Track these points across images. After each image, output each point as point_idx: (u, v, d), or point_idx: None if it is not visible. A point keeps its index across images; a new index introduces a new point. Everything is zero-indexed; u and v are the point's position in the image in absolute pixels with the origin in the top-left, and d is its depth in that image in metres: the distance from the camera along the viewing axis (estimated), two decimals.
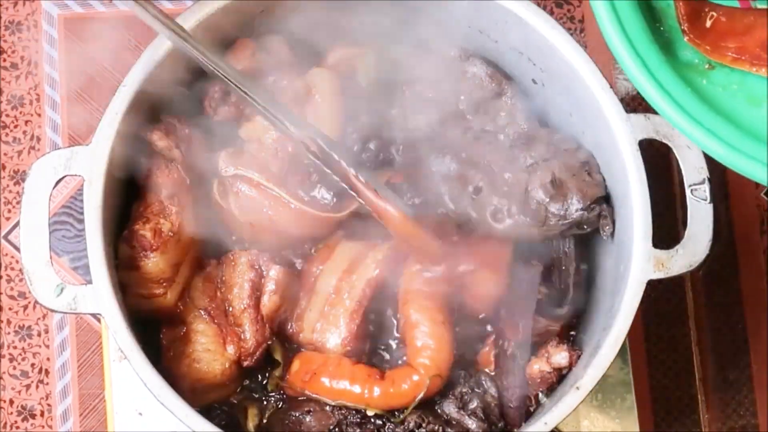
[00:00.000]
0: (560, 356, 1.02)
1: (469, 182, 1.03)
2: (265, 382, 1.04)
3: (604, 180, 1.04)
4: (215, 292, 1.02)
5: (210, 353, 0.99)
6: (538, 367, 1.02)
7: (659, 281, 0.97)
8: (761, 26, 0.89)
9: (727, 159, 0.85)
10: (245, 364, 1.00)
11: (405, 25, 1.09)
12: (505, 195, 1.02)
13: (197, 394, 0.99)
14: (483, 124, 1.06)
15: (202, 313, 1.00)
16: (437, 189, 1.05)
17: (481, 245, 1.03)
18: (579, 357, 1.02)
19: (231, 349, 0.99)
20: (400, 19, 1.09)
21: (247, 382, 1.05)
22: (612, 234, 1.03)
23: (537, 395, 1.02)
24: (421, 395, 0.98)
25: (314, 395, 1.00)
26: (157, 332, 1.02)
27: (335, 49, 1.10)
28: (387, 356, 1.06)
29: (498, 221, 1.02)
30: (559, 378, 1.02)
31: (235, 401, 1.04)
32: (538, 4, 1.02)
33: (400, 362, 1.04)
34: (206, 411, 0.99)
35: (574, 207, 1.00)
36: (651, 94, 0.86)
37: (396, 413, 0.99)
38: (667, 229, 1.28)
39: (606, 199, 1.03)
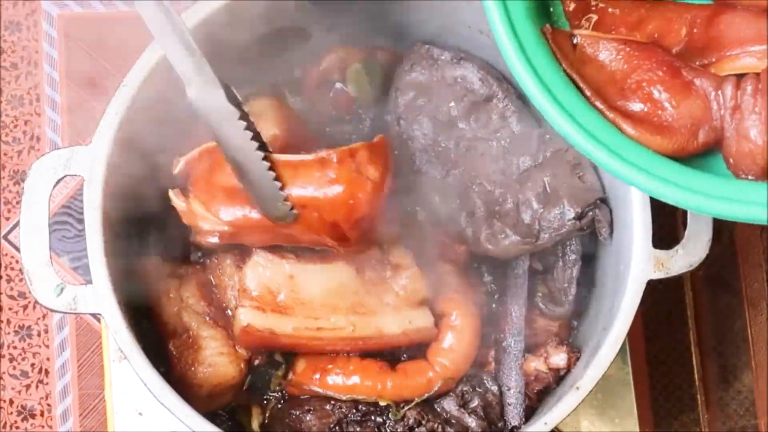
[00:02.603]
0: (558, 357, 1.02)
1: (463, 205, 1.04)
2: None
3: (600, 179, 1.03)
4: (210, 296, 1.02)
5: (224, 356, 0.99)
6: (535, 365, 1.02)
7: (659, 281, 0.97)
8: (654, 18, 0.88)
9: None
10: (256, 362, 1.00)
11: (404, 25, 1.09)
12: (498, 216, 1.02)
13: (214, 399, 0.99)
14: (475, 131, 1.06)
15: (207, 318, 1.00)
16: (434, 205, 1.05)
17: None
18: (577, 359, 1.02)
19: (242, 350, 1.00)
20: (399, 19, 1.09)
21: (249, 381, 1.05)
22: (610, 235, 1.03)
23: (537, 393, 1.02)
24: (429, 393, 0.99)
25: (324, 392, 1.00)
26: (157, 332, 1.02)
27: (329, 53, 1.10)
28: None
29: (493, 244, 1.02)
30: (556, 378, 1.02)
31: (238, 402, 1.04)
32: None
33: (404, 357, 1.05)
34: (211, 414, 0.99)
35: (567, 217, 1.00)
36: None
37: (398, 405, 1.00)
38: (667, 229, 1.28)
39: (603, 199, 1.03)
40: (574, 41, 0.88)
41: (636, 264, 0.97)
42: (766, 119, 0.81)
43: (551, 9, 0.90)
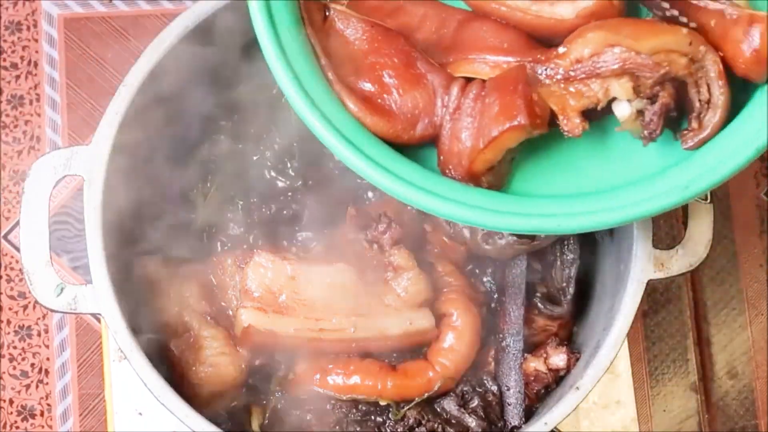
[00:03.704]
0: (558, 358, 1.02)
1: None
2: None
3: None
4: (211, 296, 1.02)
5: (225, 356, 0.99)
6: (535, 365, 1.02)
7: (659, 281, 0.97)
8: (409, 10, 0.89)
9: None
10: (257, 362, 1.00)
11: None
12: None
13: (215, 399, 0.99)
14: None
15: (208, 318, 1.00)
16: None
17: None
18: (577, 360, 1.02)
19: (243, 350, 1.00)
20: None
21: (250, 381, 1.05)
22: (608, 235, 1.03)
23: (537, 393, 1.02)
24: (429, 393, 0.99)
25: (324, 392, 1.00)
26: (157, 333, 1.02)
27: None
28: None
29: (489, 244, 1.02)
30: (555, 379, 1.02)
31: (238, 403, 1.04)
32: None
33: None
34: (211, 414, 0.99)
35: None
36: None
37: (399, 405, 1.00)
38: (667, 229, 1.28)
39: None
40: (327, 13, 0.89)
41: (636, 264, 0.97)
42: (479, 125, 0.82)
43: None
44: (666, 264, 0.97)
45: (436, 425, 0.99)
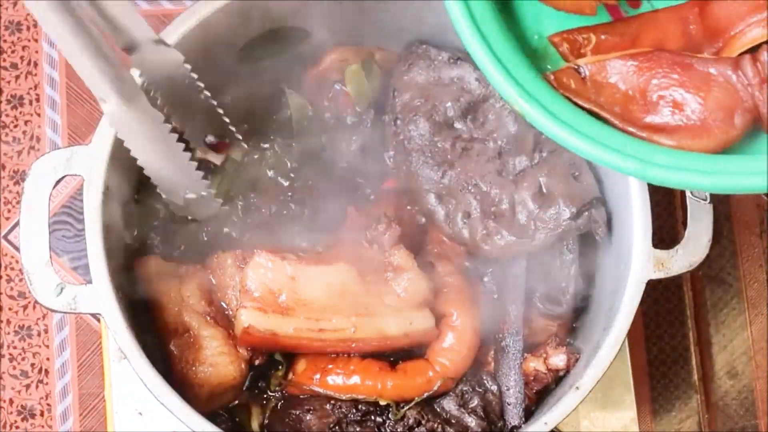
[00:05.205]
0: (558, 358, 1.02)
1: (459, 206, 1.04)
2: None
3: (596, 178, 1.03)
4: (211, 296, 1.02)
5: (225, 356, 0.99)
6: (534, 365, 1.02)
7: (659, 281, 0.97)
8: (648, 29, 0.87)
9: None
10: (257, 362, 1.00)
11: (403, 24, 1.09)
12: (493, 216, 1.02)
13: (215, 398, 0.99)
14: (471, 132, 1.06)
15: (208, 318, 1.00)
16: (431, 206, 1.05)
17: None
18: (577, 360, 1.02)
19: (243, 350, 1.00)
20: (398, 18, 1.09)
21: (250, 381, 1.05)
22: (606, 235, 1.03)
23: (536, 393, 1.02)
24: (429, 393, 0.99)
25: (324, 391, 1.00)
26: (158, 332, 1.02)
27: (328, 53, 1.10)
28: None
29: (488, 245, 1.02)
30: (555, 379, 1.02)
31: (237, 402, 1.04)
32: None
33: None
34: (211, 413, 0.99)
35: (562, 216, 1.00)
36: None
37: (398, 405, 1.00)
38: (667, 229, 1.28)
39: (599, 198, 1.03)
40: (582, 74, 0.86)
41: (636, 264, 0.97)
42: None
43: (549, 56, 0.89)
44: (666, 264, 0.97)
45: (436, 425, 0.99)
